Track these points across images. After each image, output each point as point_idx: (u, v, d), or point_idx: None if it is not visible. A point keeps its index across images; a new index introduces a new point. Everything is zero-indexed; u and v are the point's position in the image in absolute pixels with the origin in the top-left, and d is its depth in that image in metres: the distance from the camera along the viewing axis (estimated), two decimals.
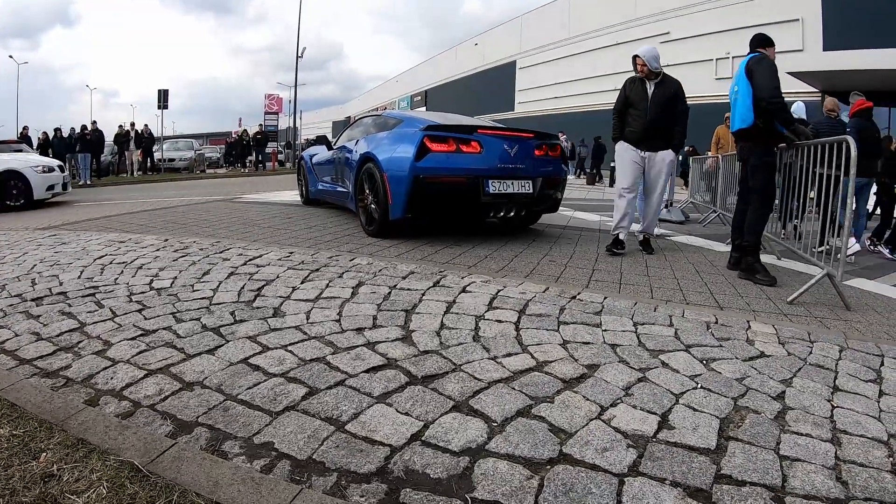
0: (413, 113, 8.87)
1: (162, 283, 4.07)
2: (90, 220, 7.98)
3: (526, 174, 6.22)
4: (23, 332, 3.16)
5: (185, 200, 11.19)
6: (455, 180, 5.85)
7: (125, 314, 3.38)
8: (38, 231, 6.94)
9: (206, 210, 9.08)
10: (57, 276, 4.35)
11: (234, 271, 4.34)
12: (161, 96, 24.12)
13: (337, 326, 3.15)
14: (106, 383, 2.51)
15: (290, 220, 7.61)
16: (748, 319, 3.50)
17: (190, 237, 6.03)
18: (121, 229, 6.88)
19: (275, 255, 4.90)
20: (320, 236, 6.30)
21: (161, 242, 5.62)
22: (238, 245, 5.44)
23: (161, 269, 4.43)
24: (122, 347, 2.88)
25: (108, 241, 5.72)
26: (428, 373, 2.58)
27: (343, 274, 4.23)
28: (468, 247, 5.73)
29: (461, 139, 5.96)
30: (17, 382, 2.44)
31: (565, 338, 3.05)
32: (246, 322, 3.22)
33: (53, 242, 5.83)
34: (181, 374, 2.58)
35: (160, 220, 7.73)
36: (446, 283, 4.01)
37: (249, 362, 2.69)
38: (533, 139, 6.47)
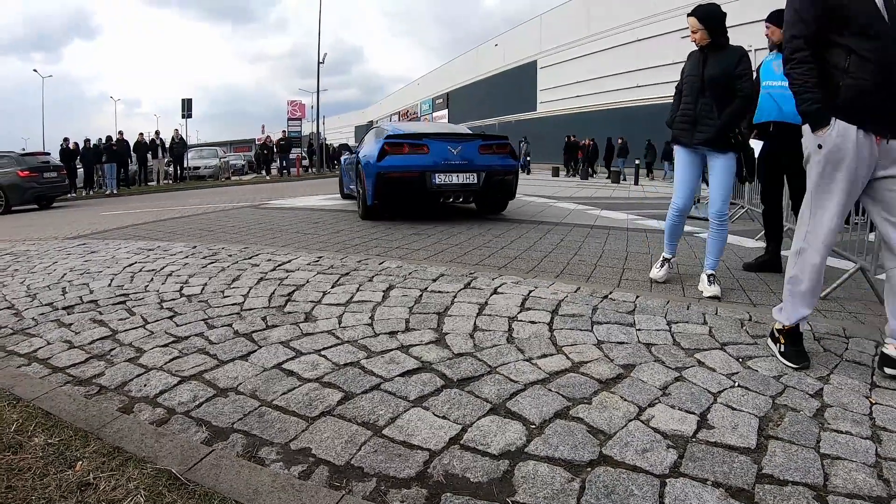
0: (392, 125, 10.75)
1: (192, 289, 4.07)
2: (118, 229, 8.06)
3: (470, 169, 7.71)
4: (55, 340, 3.17)
5: (211, 207, 11.28)
6: (407, 175, 7.56)
7: (156, 321, 3.38)
8: (66, 240, 7.01)
9: (233, 216, 9.14)
10: (87, 284, 4.38)
11: (263, 277, 4.33)
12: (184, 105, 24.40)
13: (369, 330, 3.12)
14: (140, 390, 2.50)
15: (316, 226, 7.61)
16: None
17: (218, 244, 6.06)
18: (149, 237, 6.94)
19: (303, 259, 4.89)
20: (348, 240, 6.29)
21: (190, 249, 5.65)
22: (266, 251, 5.44)
23: (191, 276, 4.44)
24: (155, 354, 2.87)
25: (137, 249, 5.76)
26: (463, 375, 2.54)
27: (373, 278, 4.20)
28: (496, 248, 5.69)
29: (413, 144, 7.77)
30: (50, 391, 2.44)
31: (599, 338, 2.99)
32: (278, 327, 3.20)
33: (83, 251, 5.88)
34: (215, 380, 2.56)
35: (188, 228, 7.79)
36: (477, 284, 3.96)
37: (283, 367, 2.66)
38: (478, 140, 8.18)
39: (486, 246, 5.80)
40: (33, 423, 2.19)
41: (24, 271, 5.06)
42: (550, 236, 6.52)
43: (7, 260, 5.72)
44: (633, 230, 7.27)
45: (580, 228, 7.30)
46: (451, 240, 6.20)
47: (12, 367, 2.82)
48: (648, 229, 7.40)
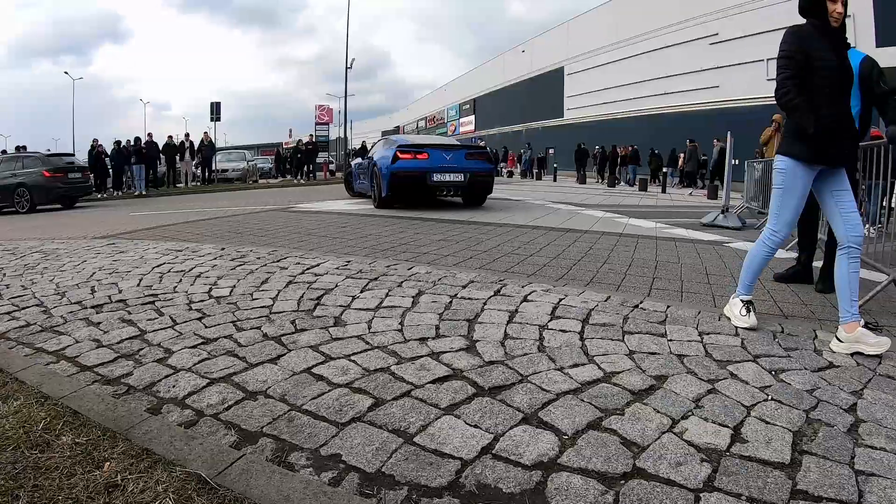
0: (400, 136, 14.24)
1: (221, 291, 4.08)
2: (147, 229, 8.14)
3: (458, 170, 10.56)
4: (83, 338, 3.18)
5: (239, 210, 11.37)
6: (412, 174, 10.33)
7: (185, 322, 3.38)
8: (95, 240, 7.09)
9: (261, 219, 9.19)
10: (116, 283, 4.40)
11: (292, 280, 4.33)
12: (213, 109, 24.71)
13: (399, 336, 3.08)
14: (168, 391, 2.49)
15: (344, 230, 7.61)
16: (814, 329, 3.32)
17: (247, 246, 6.08)
18: (178, 238, 6.99)
19: (332, 263, 4.88)
20: (376, 245, 6.28)
21: (218, 251, 5.67)
22: (295, 254, 5.45)
23: (219, 278, 4.45)
24: (184, 355, 2.87)
25: (166, 250, 5.80)
26: (495, 384, 2.49)
27: (402, 283, 4.18)
28: (525, 255, 5.63)
29: (417, 151, 10.54)
30: (79, 390, 2.44)
31: (631, 348, 2.93)
32: (307, 331, 3.18)
33: (111, 251, 5.94)
34: (244, 383, 2.54)
35: (216, 229, 7.84)
36: (507, 291, 3.91)
37: (313, 372, 2.64)
38: (464, 149, 11.56)
39: (515, 253, 5.75)
40: (61, 421, 2.19)
41: (53, 269, 5.11)
42: (579, 244, 6.45)
43: (36, 258, 5.79)
44: (661, 239, 7.16)
45: (609, 237, 7.22)
46: (480, 247, 6.15)
47: (41, 364, 2.83)
48: (678, 238, 7.29)
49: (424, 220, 8.88)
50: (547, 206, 12.25)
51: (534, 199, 14.34)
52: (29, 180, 14.76)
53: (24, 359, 2.81)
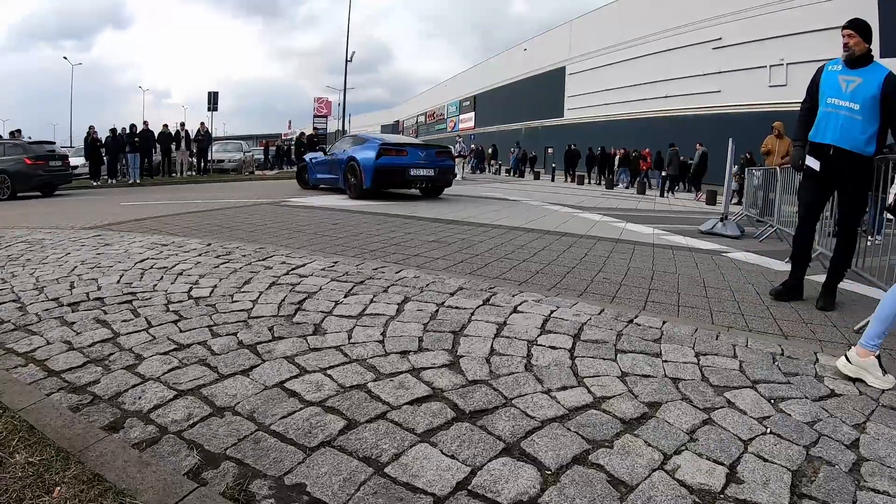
0: (373, 134, 15.41)
1: (201, 291, 3.94)
2: (136, 221, 7.99)
3: (430, 166, 12.48)
4: (55, 339, 3.05)
5: (231, 203, 11.20)
6: (394, 169, 11.99)
7: (160, 325, 3.25)
8: (83, 230, 6.94)
9: (252, 213, 9.04)
10: (96, 279, 4.26)
11: (275, 281, 4.19)
12: (210, 99, 24.48)
13: (380, 348, 2.95)
14: (133, 403, 2.35)
15: (336, 227, 7.47)
16: (815, 351, 3.19)
17: (234, 242, 5.94)
18: (165, 231, 6.84)
19: (318, 264, 4.74)
20: (366, 245, 6.14)
21: (204, 247, 5.53)
22: (282, 252, 5.31)
23: (201, 277, 4.31)
24: (154, 363, 2.73)
25: (151, 244, 5.66)
26: (476, 407, 2.35)
27: (388, 288, 4.04)
28: (518, 260, 5.50)
29: (397, 149, 12.29)
30: (38, 402, 2.29)
31: (624, 369, 2.79)
32: (284, 339, 3.04)
33: (96, 243, 5.79)
34: (212, 396, 2.41)
35: (205, 223, 7.69)
36: (497, 301, 3.78)
37: (285, 387, 2.50)
38: (434, 148, 13.16)
39: (508, 258, 5.61)
40: (17, 437, 2.05)
41: (35, 261, 4.97)
42: (574, 250, 6.32)
43: (21, 248, 5.64)
44: (659, 246, 7.03)
45: (604, 242, 7.08)
46: (472, 250, 6.02)
47: (7, 367, 2.70)
48: (675, 246, 7.16)
49: (418, 219, 8.75)
50: (544, 208, 12.16)
51: (531, 200, 14.20)
52: (10, 167, 14.63)
53: None
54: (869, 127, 4.06)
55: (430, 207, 10.75)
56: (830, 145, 4.22)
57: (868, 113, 4.05)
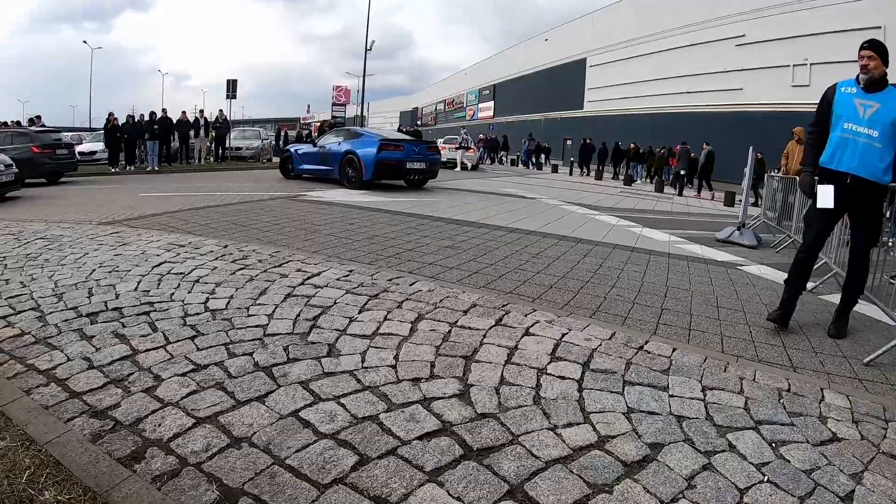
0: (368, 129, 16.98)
1: (217, 303, 3.99)
2: (153, 216, 8.08)
3: (423, 160, 13.79)
4: (75, 355, 3.12)
5: (247, 196, 11.26)
6: (394, 162, 13.10)
7: (178, 341, 3.31)
8: (100, 226, 7.04)
9: (267, 210, 9.09)
10: (114, 286, 4.34)
11: (290, 292, 4.24)
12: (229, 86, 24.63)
13: (392, 374, 2.99)
14: (154, 430, 2.42)
15: (351, 228, 7.51)
16: (822, 387, 3.18)
17: (250, 244, 6.00)
18: (182, 229, 6.92)
19: (333, 273, 4.79)
20: (381, 250, 6.18)
21: (220, 249, 5.60)
22: (298, 257, 5.37)
23: (218, 285, 4.37)
24: (172, 386, 2.80)
25: (168, 245, 5.73)
26: (484, 444, 2.40)
27: (402, 303, 4.08)
28: (533, 271, 5.51)
29: (396, 144, 13.37)
30: (63, 435, 2.35)
31: (630, 404, 2.82)
32: (299, 362, 3.10)
33: (114, 242, 5.88)
34: (230, 425, 2.47)
35: (221, 221, 7.76)
36: (509, 321, 3.81)
37: (300, 416, 2.56)
38: (425, 143, 15.19)
39: (522, 268, 5.63)
40: (44, 472, 2.12)
41: (54, 262, 5.06)
42: (589, 260, 6.32)
43: (39, 246, 5.74)
44: (674, 256, 7.01)
45: (620, 251, 7.07)
46: (487, 258, 6.04)
47: (30, 386, 2.78)
48: (690, 257, 7.14)
49: (434, 219, 8.77)
50: (560, 208, 12.09)
51: (548, 199, 14.16)
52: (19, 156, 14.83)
53: (13, 388, 2.73)
54: (887, 155, 3.96)
55: (447, 206, 10.74)
56: (848, 174, 4.07)
57: (886, 140, 3.94)
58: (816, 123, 4.37)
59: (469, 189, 15.40)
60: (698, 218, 13.36)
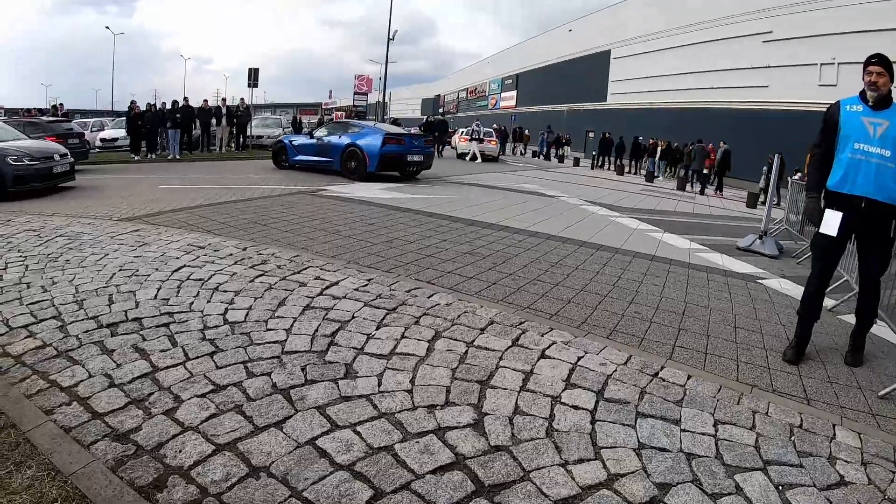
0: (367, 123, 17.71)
1: (236, 314, 4.04)
2: (173, 212, 8.17)
3: (420, 153, 14.77)
4: (96, 371, 3.18)
5: (268, 190, 11.34)
6: (396, 155, 13.94)
7: (197, 358, 3.36)
8: (121, 222, 7.13)
9: (288, 206, 9.13)
10: (134, 292, 4.40)
11: (309, 304, 4.28)
12: (251, 75, 24.70)
13: (408, 400, 3.02)
14: (175, 457, 2.47)
15: (370, 229, 7.53)
16: (834, 423, 3.15)
17: (269, 246, 6.05)
18: (202, 228, 6.99)
19: (351, 282, 4.82)
20: (401, 255, 6.20)
21: (240, 252, 5.66)
22: (316, 262, 5.40)
23: (236, 294, 4.41)
24: (192, 408, 2.84)
25: (188, 246, 5.80)
26: (496, 480, 2.43)
27: (420, 318, 4.10)
28: (552, 283, 5.50)
29: (398, 139, 14.30)
30: (88, 465, 2.40)
31: (641, 439, 2.82)
32: (316, 384, 3.13)
33: (134, 242, 5.95)
34: (248, 453, 2.51)
35: (241, 218, 7.82)
36: (525, 341, 3.82)
37: (317, 445, 2.60)
38: (423, 137, 16.11)
39: (541, 280, 5.62)
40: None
41: (74, 263, 5.15)
42: (608, 270, 6.29)
43: (60, 245, 5.83)
44: (694, 267, 6.95)
45: (640, 260, 7.02)
46: (506, 267, 6.03)
47: (52, 405, 2.84)
48: (711, 267, 7.07)
49: (454, 220, 8.76)
50: (581, 209, 11.97)
51: (569, 197, 14.05)
52: None
53: (36, 412, 2.78)
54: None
55: (467, 205, 10.70)
56: (862, 197, 3.89)
57: None
58: (821, 144, 4.18)
59: (489, 185, 15.34)
60: (720, 221, 13.22)
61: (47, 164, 11.04)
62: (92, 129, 25.51)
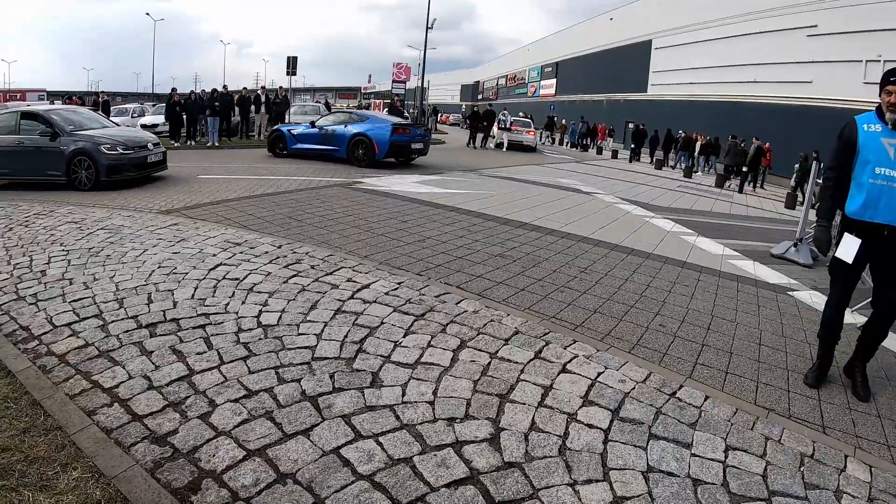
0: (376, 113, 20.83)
1: (269, 317, 4.21)
2: (211, 205, 8.44)
3: (421, 141, 16.36)
4: (136, 373, 3.40)
5: (304, 182, 11.57)
6: (403, 143, 15.46)
7: (231, 362, 3.55)
8: (160, 216, 7.40)
9: (323, 200, 9.32)
10: (172, 291, 4.63)
11: (340, 307, 4.43)
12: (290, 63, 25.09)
13: (430, 412, 3.15)
14: (208, 461, 2.65)
15: (404, 227, 7.66)
16: (847, 454, 3.12)
17: (304, 244, 6.23)
18: (239, 223, 7.23)
19: (382, 286, 4.96)
20: (432, 256, 6.31)
21: (275, 250, 5.85)
22: (349, 263, 5.56)
23: (270, 295, 4.59)
24: (226, 413, 3.02)
25: (224, 243, 6.01)
26: (505, 497, 2.54)
27: (447, 326, 4.22)
28: (579, 291, 5.55)
29: (404, 129, 15.78)
30: (128, 469, 2.59)
31: (651, 462, 2.87)
32: (343, 392, 3.28)
33: (172, 238, 6.20)
34: (277, 459, 2.68)
35: (277, 213, 8.04)
36: (548, 354, 3.90)
37: (341, 454, 2.75)
38: (422, 127, 18.88)
39: (569, 287, 5.67)
40: None
41: (115, 259, 5.42)
42: (637, 278, 6.29)
43: (101, 238, 6.11)
44: (724, 276, 6.91)
45: (670, 266, 7.00)
46: (536, 272, 6.09)
47: (94, 406, 3.04)
48: (741, 276, 7.03)
49: (487, 218, 8.84)
50: (616, 208, 11.89)
51: (604, 195, 13.92)
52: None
53: (80, 414, 2.99)
54: None
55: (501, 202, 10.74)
56: (886, 225, 3.68)
57: None
58: (837, 168, 3.96)
59: (525, 179, 15.29)
60: (756, 223, 13.03)
61: (141, 154, 11.12)
62: (133, 114, 26.16)
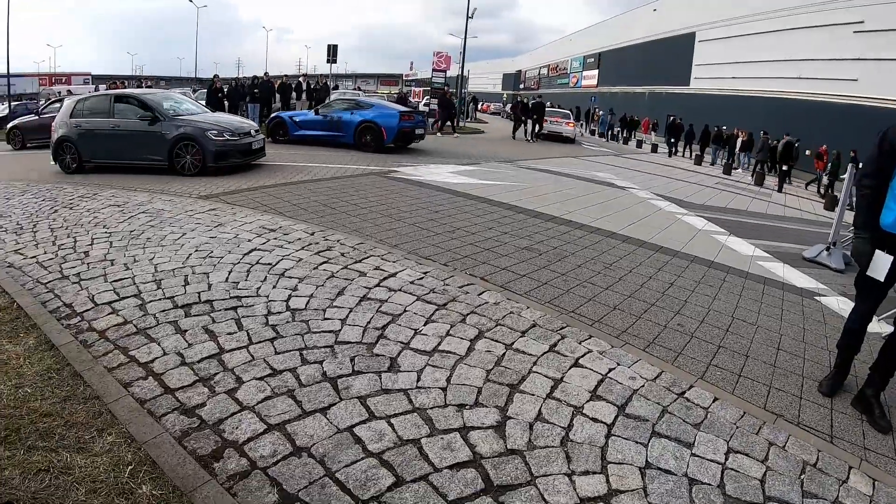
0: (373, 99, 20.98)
1: (298, 301, 4.43)
2: (249, 191, 8.75)
3: (422, 127, 18.15)
4: (170, 350, 3.66)
5: (340, 170, 11.86)
6: (407, 130, 16.65)
7: (259, 343, 3.78)
8: (199, 201, 7.71)
9: (357, 189, 9.55)
10: (207, 274, 4.90)
11: (366, 294, 4.63)
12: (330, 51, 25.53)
13: (441, 398, 3.31)
14: (231, 433, 2.87)
15: (435, 217, 7.83)
16: (851, 465, 3.11)
17: (336, 232, 6.45)
18: (274, 209, 7.50)
19: (408, 275, 5.13)
20: (459, 247, 6.45)
21: (307, 237, 6.08)
22: (378, 251, 5.75)
23: (300, 281, 4.81)
24: (251, 390, 3.24)
25: (259, 229, 6.28)
26: (504, 481, 2.69)
27: (467, 317, 4.37)
28: (602, 287, 5.63)
29: (409, 116, 16.93)
30: (158, 436, 2.83)
31: (650, 458, 2.95)
32: (362, 375, 3.47)
33: (210, 222, 6.50)
34: (294, 434, 2.89)
35: (312, 200, 8.29)
36: (562, 348, 4.02)
37: (354, 432, 2.94)
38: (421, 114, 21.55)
39: (592, 282, 5.74)
40: (143, 469, 2.61)
41: (154, 242, 5.75)
42: (662, 276, 6.32)
43: (142, 221, 6.46)
44: (751, 277, 6.88)
45: (697, 266, 6.99)
46: (560, 266, 6.18)
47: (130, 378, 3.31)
48: (769, 278, 6.99)
49: (518, 210, 8.93)
50: (649, 203, 11.81)
51: (639, 190, 13.83)
52: None
53: (117, 386, 3.25)
54: None
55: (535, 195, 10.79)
56: None
57: None
58: (876, 174, 3.68)
59: (561, 172, 15.25)
60: (792, 224, 12.82)
61: (246, 140, 11.33)
62: None
